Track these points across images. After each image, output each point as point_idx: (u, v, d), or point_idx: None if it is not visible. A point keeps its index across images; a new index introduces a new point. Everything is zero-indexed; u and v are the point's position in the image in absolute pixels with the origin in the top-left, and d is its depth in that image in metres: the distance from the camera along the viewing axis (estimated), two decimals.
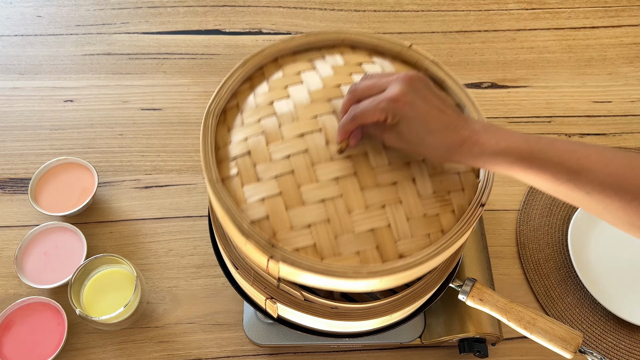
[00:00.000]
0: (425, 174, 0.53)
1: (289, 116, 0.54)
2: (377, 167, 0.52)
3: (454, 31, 1.06)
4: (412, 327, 0.73)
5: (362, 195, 0.51)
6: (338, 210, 0.50)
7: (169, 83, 0.97)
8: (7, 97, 0.95)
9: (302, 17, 1.06)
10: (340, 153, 0.52)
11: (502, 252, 0.84)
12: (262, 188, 0.51)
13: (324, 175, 0.51)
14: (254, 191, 0.51)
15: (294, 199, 0.51)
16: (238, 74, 0.57)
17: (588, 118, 0.96)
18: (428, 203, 0.52)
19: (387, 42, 0.60)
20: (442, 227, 0.51)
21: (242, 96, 0.57)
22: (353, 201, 0.51)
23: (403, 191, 0.51)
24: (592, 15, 1.08)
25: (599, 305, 0.80)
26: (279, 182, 0.51)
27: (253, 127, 0.54)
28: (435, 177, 0.53)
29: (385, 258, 0.49)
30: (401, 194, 0.51)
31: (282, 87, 0.57)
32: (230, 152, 0.53)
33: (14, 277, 0.80)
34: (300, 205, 0.50)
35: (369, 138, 0.53)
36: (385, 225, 0.50)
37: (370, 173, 0.52)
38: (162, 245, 0.83)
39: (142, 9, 1.06)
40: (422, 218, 0.51)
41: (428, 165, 0.53)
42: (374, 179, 0.51)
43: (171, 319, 0.78)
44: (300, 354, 0.76)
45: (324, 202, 0.50)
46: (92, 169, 0.83)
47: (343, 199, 0.50)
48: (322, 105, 0.55)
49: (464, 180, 0.53)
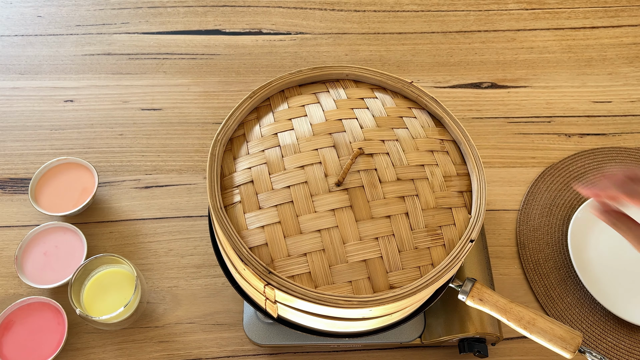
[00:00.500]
0: (418, 209, 0.55)
1: (291, 148, 0.58)
2: (372, 200, 0.55)
3: (454, 31, 1.06)
4: (412, 327, 0.73)
5: (356, 227, 0.54)
6: (333, 241, 0.53)
7: (169, 83, 0.98)
8: (7, 97, 0.95)
9: (302, 17, 1.06)
10: (338, 186, 0.55)
11: (502, 252, 0.84)
12: (263, 216, 0.54)
13: (322, 206, 0.54)
14: (254, 219, 0.54)
15: (292, 228, 0.54)
16: (246, 104, 0.61)
17: (588, 118, 0.96)
18: (420, 237, 0.54)
19: (389, 78, 0.64)
20: (432, 260, 0.54)
21: (248, 126, 0.60)
22: (348, 232, 0.53)
23: (396, 224, 0.54)
24: (592, 15, 1.08)
25: (599, 305, 0.80)
26: (278, 211, 0.54)
27: (257, 156, 0.58)
28: (428, 211, 0.55)
29: (377, 288, 0.52)
30: (394, 227, 0.54)
31: (287, 119, 0.60)
32: (235, 180, 0.57)
33: (14, 277, 0.80)
34: (298, 234, 0.53)
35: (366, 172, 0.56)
36: (378, 257, 0.53)
37: (366, 206, 0.55)
38: (162, 245, 0.83)
39: (142, 9, 1.06)
40: (414, 251, 0.54)
41: (421, 200, 0.56)
42: (368, 211, 0.54)
43: (171, 319, 0.78)
44: (300, 354, 0.76)
45: (320, 232, 0.53)
46: (92, 169, 0.83)
47: (339, 229, 0.54)
48: (323, 138, 0.58)
49: (456, 215, 0.56)
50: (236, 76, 0.99)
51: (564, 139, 0.94)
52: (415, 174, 0.57)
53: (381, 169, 0.57)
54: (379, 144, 0.58)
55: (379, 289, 0.52)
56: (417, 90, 0.63)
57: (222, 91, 0.97)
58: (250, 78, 0.99)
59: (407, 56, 1.02)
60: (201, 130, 0.93)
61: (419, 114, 0.63)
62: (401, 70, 1.01)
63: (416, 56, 1.02)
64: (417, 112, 0.63)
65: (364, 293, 0.52)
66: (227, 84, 0.98)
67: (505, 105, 0.97)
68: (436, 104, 0.62)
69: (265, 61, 1.01)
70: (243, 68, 1.00)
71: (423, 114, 0.63)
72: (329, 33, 1.05)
